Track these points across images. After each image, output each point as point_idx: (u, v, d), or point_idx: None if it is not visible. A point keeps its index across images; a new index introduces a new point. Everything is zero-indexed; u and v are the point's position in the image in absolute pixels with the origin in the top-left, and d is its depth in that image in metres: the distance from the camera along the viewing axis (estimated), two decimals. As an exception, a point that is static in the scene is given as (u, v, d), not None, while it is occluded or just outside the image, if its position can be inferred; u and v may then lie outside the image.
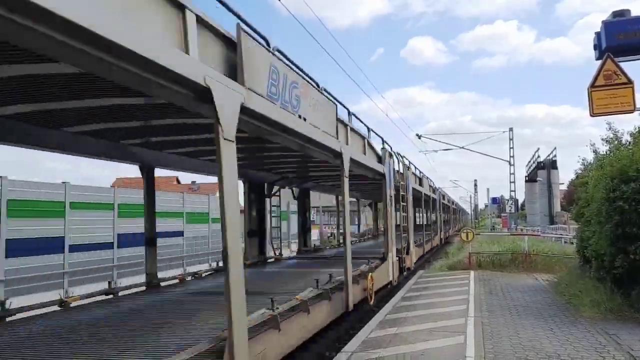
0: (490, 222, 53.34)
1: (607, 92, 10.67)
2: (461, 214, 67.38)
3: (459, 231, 31.25)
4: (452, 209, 46.18)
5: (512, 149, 39.30)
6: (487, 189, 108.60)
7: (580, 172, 15.06)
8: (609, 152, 12.65)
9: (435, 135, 56.55)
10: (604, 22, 11.20)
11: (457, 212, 57.89)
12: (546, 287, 12.03)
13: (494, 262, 16.02)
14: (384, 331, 7.81)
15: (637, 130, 12.66)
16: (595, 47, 11.64)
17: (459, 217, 59.95)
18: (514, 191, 40.28)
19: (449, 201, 41.24)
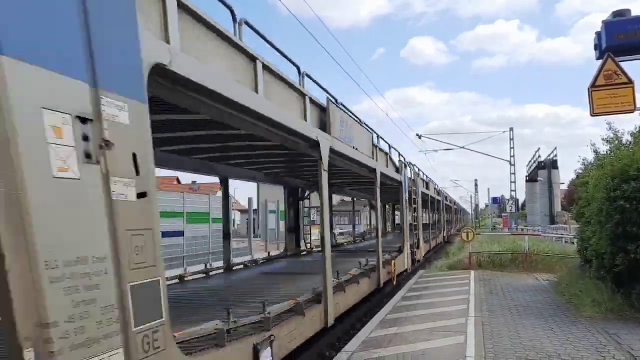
0: (490, 221, 53.30)
1: (607, 92, 10.67)
2: (462, 213, 67.39)
3: (459, 230, 31.43)
4: (454, 209, 47.84)
5: (513, 148, 39.44)
6: (488, 189, 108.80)
7: (580, 171, 15.09)
8: (609, 151, 12.67)
9: (435, 135, 56.70)
10: (604, 22, 11.19)
11: (459, 212, 57.99)
12: (546, 286, 12.03)
13: (494, 261, 16.02)
14: (385, 331, 7.82)
15: (637, 129, 12.68)
16: (595, 47, 11.63)
17: (460, 217, 60.03)
18: (515, 191, 40.36)
19: (451, 202, 43.15)
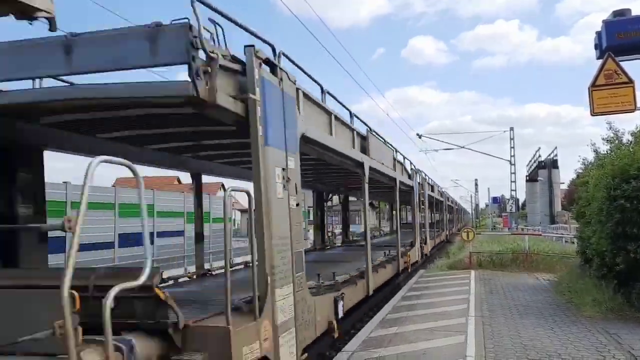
0: (491, 221, 53.29)
1: (607, 92, 10.64)
2: (462, 213, 67.40)
3: (459, 230, 31.63)
4: (455, 209, 48.64)
5: (513, 148, 39.35)
6: (488, 189, 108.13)
7: (580, 171, 15.07)
8: (609, 151, 12.64)
9: (435, 134, 56.72)
10: (604, 22, 11.16)
11: (459, 212, 58.07)
12: (547, 286, 12.03)
13: (494, 261, 16.02)
14: (385, 330, 7.82)
15: (638, 129, 12.65)
16: (595, 47, 11.60)
17: (460, 217, 60.07)
18: (515, 191, 40.27)
19: (452, 202, 44.54)
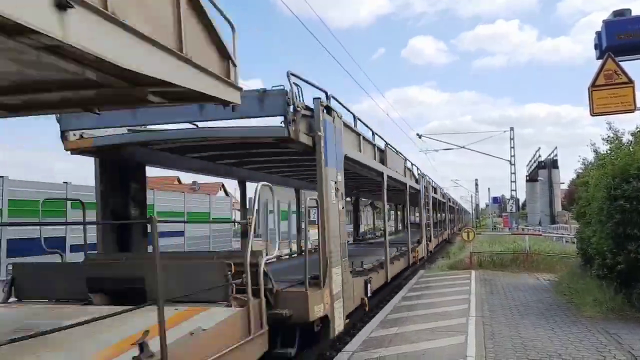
0: (491, 221, 53.24)
1: (607, 92, 10.66)
2: (463, 213, 67.38)
3: (460, 230, 31.79)
4: (456, 209, 49.27)
5: (513, 148, 39.23)
6: (488, 189, 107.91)
7: (581, 171, 15.06)
8: (609, 151, 12.64)
9: (435, 134, 56.76)
10: (604, 22, 11.18)
11: (460, 212, 58.08)
12: (547, 286, 12.03)
13: (495, 261, 16.00)
14: (385, 330, 7.82)
15: (638, 129, 12.65)
16: (595, 47, 11.62)
17: (461, 217, 60.07)
18: (515, 190, 40.15)
19: (454, 203, 45.58)
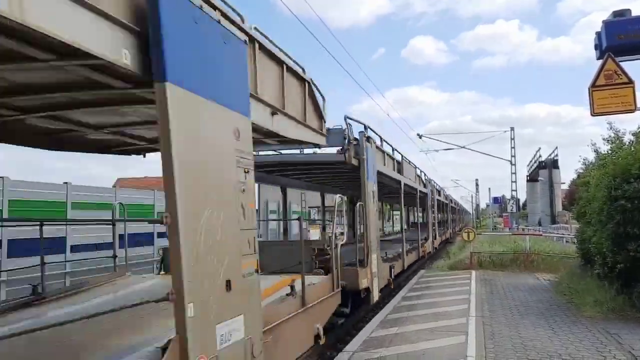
0: (491, 221, 53.25)
1: (607, 92, 10.64)
2: (463, 213, 67.39)
3: (460, 230, 31.95)
4: (457, 209, 50.20)
5: (514, 148, 39.31)
6: (489, 189, 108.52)
7: (581, 171, 15.08)
8: (610, 151, 12.64)
9: (436, 134, 56.79)
10: (604, 22, 11.17)
11: (460, 212, 58.15)
12: (547, 286, 12.03)
13: (495, 261, 16.02)
14: (385, 331, 7.82)
15: (639, 129, 12.66)
16: (596, 47, 11.61)
17: (461, 217, 60.11)
18: (515, 191, 40.19)
19: (455, 203, 46.92)
